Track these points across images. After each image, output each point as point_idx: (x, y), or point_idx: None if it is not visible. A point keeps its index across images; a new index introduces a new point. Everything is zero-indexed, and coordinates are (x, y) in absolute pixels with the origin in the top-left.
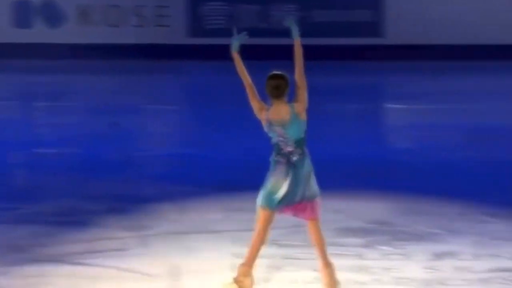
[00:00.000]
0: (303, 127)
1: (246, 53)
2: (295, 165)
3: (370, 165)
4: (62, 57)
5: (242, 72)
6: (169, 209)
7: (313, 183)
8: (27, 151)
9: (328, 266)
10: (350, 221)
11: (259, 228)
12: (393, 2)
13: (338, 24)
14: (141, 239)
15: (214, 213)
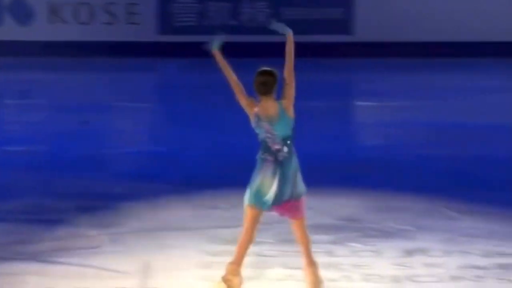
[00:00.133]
0: (290, 124)
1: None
2: (282, 164)
3: (340, 162)
4: (32, 55)
5: (225, 69)
6: (139, 206)
7: (300, 181)
8: None
9: (312, 264)
10: (320, 218)
11: (247, 226)
12: None
13: (308, 21)
14: (111, 237)
15: (184, 210)
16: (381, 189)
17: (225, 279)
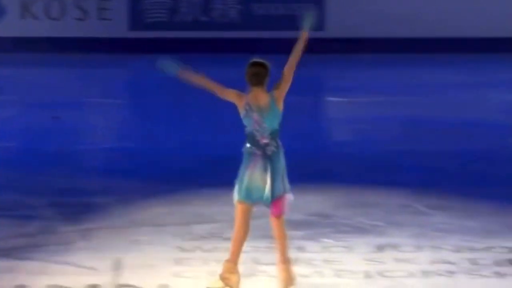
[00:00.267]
0: (279, 117)
1: (187, 46)
2: (271, 158)
3: (311, 158)
4: (3, 51)
5: (199, 81)
6: (111, 203)
7: (286, 177)
8: None
9: (286, 261)
10: (291, 213)
11: (238, 222)
12: None
13: (278, 17)
14: (83, 233)
15: (156, 206)
16: (352, 185)
17: (222, 277)
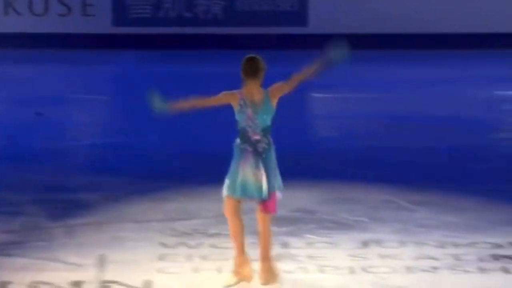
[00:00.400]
0: (271, 113)
1: (171, 42)
2: (262, 155)
3: (294, 154)
4: None
5: (192, 105)
6: (95, 199)
7: (278, 174)
8: None
9: (267, 260)
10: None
11: (230, 218)
12: None
13: (262, 13)
14: (67, 230)
15: (140, 202)
16: (336, 180)
17: (235, 273)
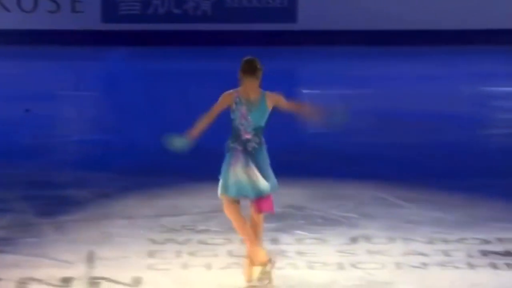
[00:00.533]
0: (266, 114)
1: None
2: (252, 154)
3: (283, 150)
4: None
5: (209, 120)
6: (84, 195)
7: (272, 174)
8: None
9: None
10: None
11: (230, 216)
12: None
13: (251, 9)
14: (57, 226)
15: (129, 199)
16: (325, 177)
17: (260, 264)
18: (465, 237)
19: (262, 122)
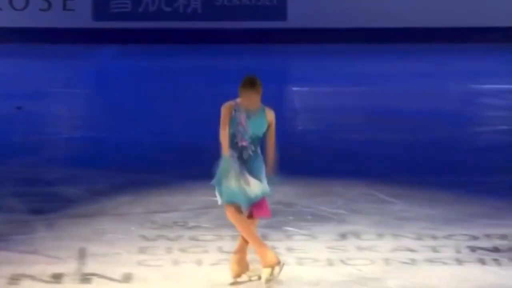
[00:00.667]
0: (263, 126)
1: (151, 36)
2: (247, 162)
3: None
4: None
5: (227, 133)
6: (75, 192)
7: (265, 180)
8: None
9: (241, 251)
10: None
11: (237, 222)
12: None
13: (241, 7)
14: (48, 223)
15: (120, 195)
16: (314, 173)
17: (271, 265)
18: (454, 233)
19: (259, 132)
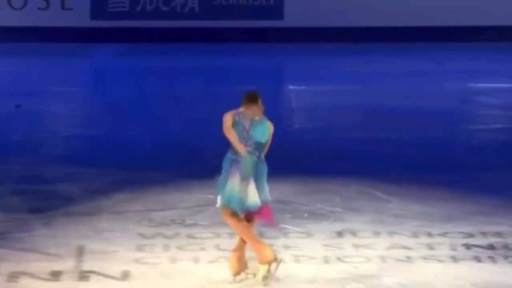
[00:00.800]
0: (267, 133)
1: (149, 36)
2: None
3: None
4: None
5: (234, 135)
6: (73, 190)
7: (266, 187)
8: None
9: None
10: None
11: (236, 226)
12: None
13: (238, 6)
14: (46, 220)
15: (117, 193)
16: (311, 171)
17: (268, 261)
18: (449, 231)
19: (263, 139)
